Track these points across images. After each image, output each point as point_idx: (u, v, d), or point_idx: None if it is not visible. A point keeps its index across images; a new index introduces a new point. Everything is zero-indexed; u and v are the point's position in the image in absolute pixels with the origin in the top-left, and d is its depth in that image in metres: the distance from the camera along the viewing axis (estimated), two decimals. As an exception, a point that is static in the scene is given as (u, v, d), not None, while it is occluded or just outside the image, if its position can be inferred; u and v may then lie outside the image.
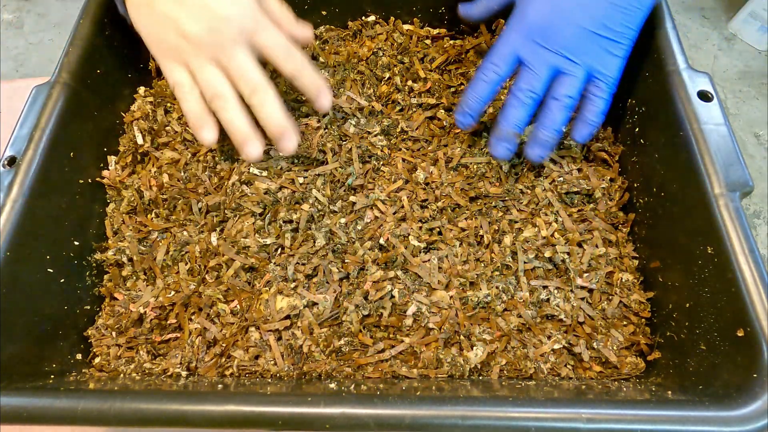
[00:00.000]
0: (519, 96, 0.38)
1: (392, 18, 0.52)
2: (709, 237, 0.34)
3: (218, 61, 0.35)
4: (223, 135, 0.46)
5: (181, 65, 0.35)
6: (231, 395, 0.30)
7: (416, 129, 0.47)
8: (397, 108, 0.49)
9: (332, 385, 0.34)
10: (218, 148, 0.45)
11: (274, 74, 0.48)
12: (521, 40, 0.38)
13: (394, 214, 0.43)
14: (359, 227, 0.42)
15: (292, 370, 0.36)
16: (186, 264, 0.40)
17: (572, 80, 0.38)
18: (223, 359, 0.37)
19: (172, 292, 0.39)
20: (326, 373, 0.36)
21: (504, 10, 0.43)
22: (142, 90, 0.48)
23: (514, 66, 0.39)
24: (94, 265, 0.41)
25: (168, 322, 0.39)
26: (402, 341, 0.38)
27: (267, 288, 0.39)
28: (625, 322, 0.40)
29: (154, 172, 0.44)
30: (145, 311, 0.39)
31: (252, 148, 0.38)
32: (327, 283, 0.40)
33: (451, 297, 0.39)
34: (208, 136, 0.37)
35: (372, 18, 0.52)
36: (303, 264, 0.40)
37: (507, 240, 0.41)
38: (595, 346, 0.38)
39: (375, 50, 0.50)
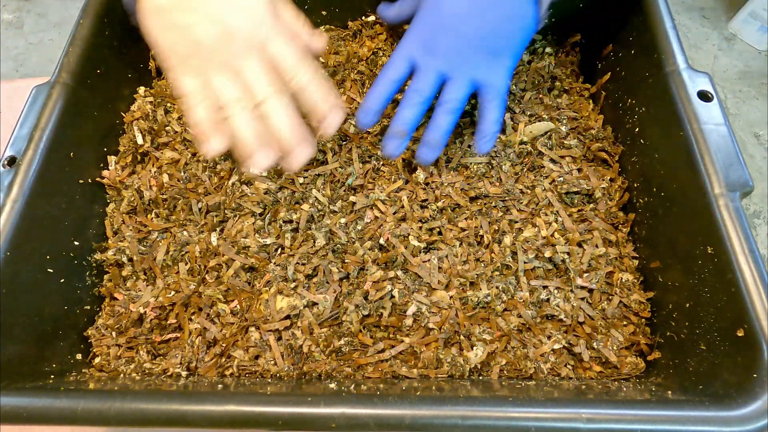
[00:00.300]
0: (410, 97, 0.40)
1: (392, 18, 0.52)
2: (709, 237, 0.34)
3: (230, 70, 0.34)
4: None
5: (192, 75, 0.35)
6: (231, 395, 0.30)
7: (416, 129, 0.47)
8: (397, 108, 0.49)
9: (332, 385, 0.34)
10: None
11: None
12: (414, 46, 0.40)
13: (394, 214, 0.43)
14: (359, 227, 0.42)
15: (292, 370, 0.36)
16: (186, 264, 0.40)
17: (456, 86, 0.40)
18: (223, 359, 0.37)
19: (172, 292, 0.39)
20: (326, 373, 0.36)
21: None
22: (142, 90, 0.48)
23: (409, 69, 0.41)
24: (94, 265, 0.41)
25: (168, 322, 0.39)
26: (402, 341, 0.38)
27: (267, 288, 0.39)
28: (625, 322, 0.40)
29: (154, 172, 0.44)
30: (145, 311, 0.39)
31: (257, 159, 0.36)
32: (327, 283, 0.40)
33: (451, 297, 0.39)
34: (215, 146, 0.36)
35: (372, 18, 0.52)
36: (303, 264, 0.40)
37: (507, 240, 0.41)
38: (595, 346, 0.38)
39: (375, 50, 0.50)
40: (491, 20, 0.39)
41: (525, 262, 0.40)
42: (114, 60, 0.45)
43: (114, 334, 0.39)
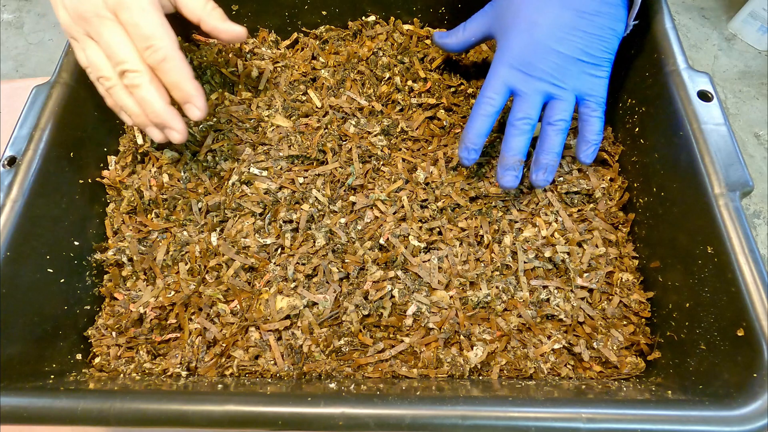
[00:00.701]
0: (517, 125, 0.39)
1: (392, 18, 0.52)
2: (709, 237, 0.34)
3: (95, 36, 0.34)
4: (220, 137, 0.46)
5: (76, 47, 0.35)
6: (231, 395, 0.30)
7: (416, 129, 0.47)
8: (397, 108, 0.49)
9: (332, 385, 0.34)
10: (218, 148, 0.45)
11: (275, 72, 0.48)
12: (509, 71, 0.39)
13: (394, 214, 0.43)
14: (359, 227, 0.42)
15: (292, 370, 0.36)
16: (186, 264, 0.40)
17: (563, 104, 0.39)
18: (223, 359, 0.37)
19: (172, 292, 0.39)
20: (326, 373, 0.36)
21: (482, 41, 0.45)
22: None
23: (507, 96, 0.40)
24: (94, 265, 0.41)
25: (168, 322, 0.39)
26: (402, 341, 0.38)
27: (267, 288, 0.39)
28: (625, 322, 0.40)
29: (154, 172, 0.44)
30: (145, 311, 0.39)
31: (149, 133, 0.36)
32: (327, 283, 0.40)
33: (451, 297, 0.39)
34: (157, 136, 0.36)
35: (372, 18, 0.52)
36: (303, 264, 0.40)
37: (507, 240, 0.41)
38: (595, 346, 0.38)
39: (375, 50, 0.50)
40: (590, 33, 0.38)
41: (525, 262, 0.40)
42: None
43: (114, 334, 0.39)
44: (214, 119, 0.47)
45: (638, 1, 0.38)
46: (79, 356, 0.38)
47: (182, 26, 0.51)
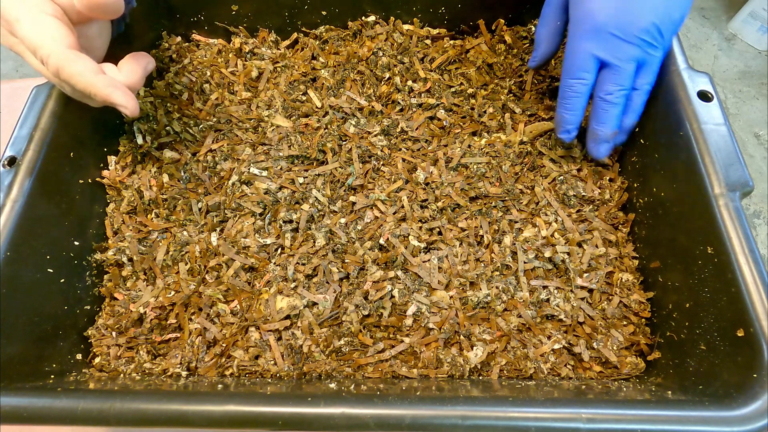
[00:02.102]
0: (609, 100, 0.39)
1: (392, 18, 0.52)
2: (709, 237, 0.34)
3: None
4: (220, 137, 0.46)
5: None
6: (231, 395, 0.30)
7: (416, 129, 0.47)
8: (397, 108, 0.49)
9: (332, 385, 0.34)
10: (218, 148, 0.45)
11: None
12: (597, 41, 0.37)
13: (394, 214, 0.43)
14: (359, 227, 0.42)
15: (292, 370, 0.36)
16: (186, 264, 0.40)
17: (652, 67, 0.38)
18: (223, 359, 0.37)
19: (172, 292, 0.39)
20: (326, 373, 0.36)
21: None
22: (142, 90, 0.48)
23: (597, 70, 0.39)
24: (94, 265, 0.41)
25: (168, 322, 0.39)
26: (402, 341, 0.38)
27: (267, 288, 0.39)
28: (625, 322, 0.40)
29: (154, 172, 0.44)
30: (145, 311, 0.39)
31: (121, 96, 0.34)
32: (327, 283, 0.40)
33: (451, 297, 0.39)
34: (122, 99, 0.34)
35: (372, 18, 0.52)
36: (303, 264, 0.40)
37: (507, 240, 0.41)
38: (595, 346, 0.38)
39: (375, 50, 0.50)
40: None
41: (525, 262, 0.40)
42: (114, 60, 0.45)
43: (114, 334, 0.39)
44: (214, 119, 0.47)
45: None
46: (79, 356, 0.38)
47: (182, 26, 0.51)
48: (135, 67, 0.38)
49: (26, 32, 0.33)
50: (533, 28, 0.51)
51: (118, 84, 0.35)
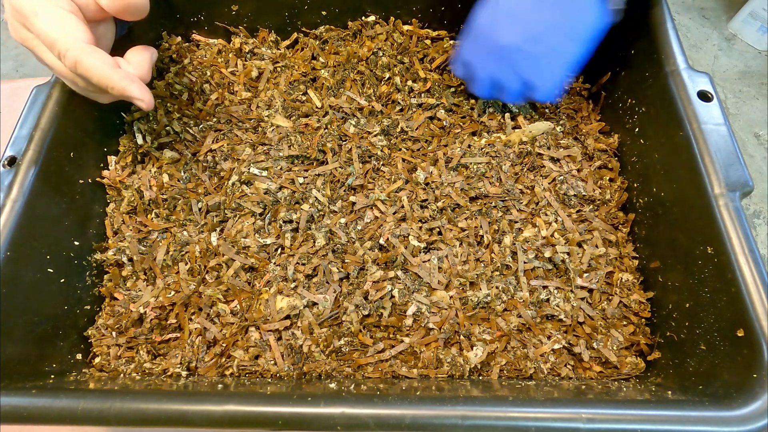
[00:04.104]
0: None
1: (392, 18, 0.52)
2: (709, 237, 0.34)
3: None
4: (220, 137, 0.46)
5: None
6: (231, 395, 0.30)
7: (416, 129, 0.47)
8: (397, 108, 0.49)
9: (332, 385, 0.34)
10: (218, 148, 0.45)
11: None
12: None
13: (394, 214, 0.43)
14: (359, 227, 0.42)
15: (292, 370, 0.36)
16: (186, 264, 0.40)
17: None
18: (223, 359, 0.37)
19: (172, 292, 0.39)
20: (326, 373, 0.36)
21: None
22: (142, 90, 0.48)
23: None
24: (94, 265, 0.41)
25: (168, 322, 0.39)
26: (402, 341, 0.38)
27: (267, 288, 0.39)
28: (625, 322, 0.40)
29: (154, 172, 0.44)
30: (145, 311, 0.39)
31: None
32: (327, 283, 0.40)
33: (451, 297, 0.39)
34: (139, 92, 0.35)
35: (372, 18, 0.52)
36: (303, 264, 0.40)
37: (507, 240, 0.41)
38: (595, 346, 0.38)
39: (375, 50, 0.50)
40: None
41: (525, 262, 0.40)
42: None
43: (114, 334, 0.39)
44: (214, 119, 0.47)
45: None
46: (79, 356, 0.38)
47: (182, 26, 0.51)
48: (143, 59, 0.38)
49: (44, 26, 0.33)
50: None
51: (134, 77, 0.35)
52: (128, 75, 0.35)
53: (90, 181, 0.42)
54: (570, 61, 0.42)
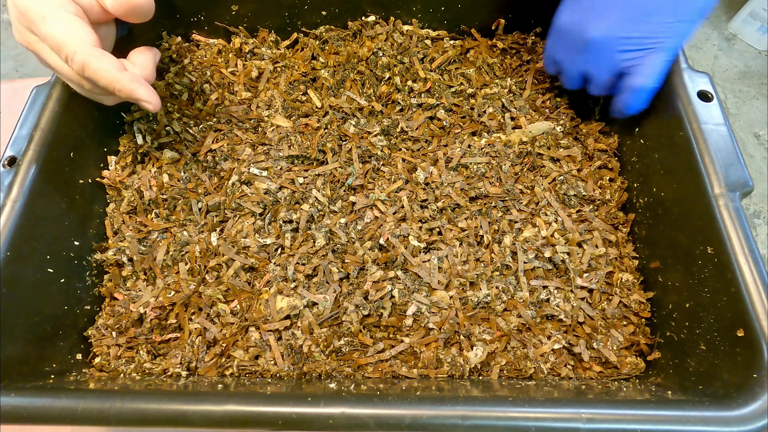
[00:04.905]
0: None
1: (392, 18, 0.52)
2: (709, 237, 0.34)
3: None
4: (220, 137, 0.46)
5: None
6: (231, 395, 0.30)
7: (416, 129, 0.47)
8: (397, 108, 0.49)
9: (332, 385, 0.34)
10: (218, 148, 0.45)
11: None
12: None
13: (394, 214, 0.43)
14: (359, 227, 0.42)
15: (292, 370, 0.36)
16: (186, 264, 0.40)
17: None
18: (223, 359, 0.37)
19: (172, 292, 0.39)
20: (326, 373, 0.36)
21: None
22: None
23: None
24: (94, 265, 0.41)
25: (168, 322, 0.39)
26: (402, 341, 0.38)
27: (267, 288, 0.39)
28: (625, 322, 0.40)
29: (154, 172, 0.44)
30: (145, 311, 0.39)
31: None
32: (327, 283, 0.40)
33: (451, 297, 0.39)
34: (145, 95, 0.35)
35: (372, 18, 0.52)
36: (303, 264, 0.40)
37: (507, 240, 0.41)
38: (595, 346, 0.38)
39: (375, 50, 0.50)
40: None
41: (525, 262, 0.40)
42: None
43: (114, 334, 0.39)
44: (214, 119, 0.47)
45: None
46: (79, 356, 0.38)
47: (182, 26, 0.51)
48: (147, 60, 0.38)
49: (52, 30, 0.33)
50: (531, 36, 0.51)
51: (141, 80, 0.35)
52: (136, 78, 0.35)
53: (90, 181, 0.42)
54: (667, 47, 0.39)
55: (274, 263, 0.40)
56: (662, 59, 0.39)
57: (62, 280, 0.38)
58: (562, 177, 0.44)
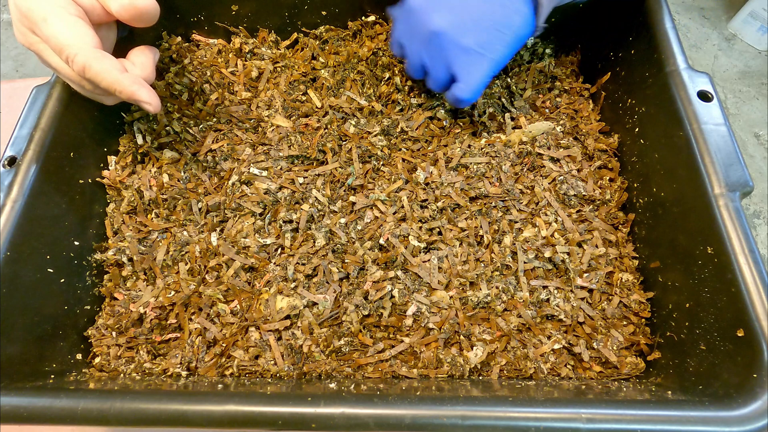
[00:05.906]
0: None
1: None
2: (709, 237, 0.34)
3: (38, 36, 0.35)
4: (220, 137, 0.46)
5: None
6: (231, 395, 0.30)
7: (416, 129, 0.47)
8: (397, 108, 0.49)
9: (332, 385, 0.34)
10: (218, 148, 0.45)
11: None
12: None
13: (394, 214, 0.43)
14: (359, 227, 0.42)
15: (292, 370, 0.36)
16: (186, 264, 0.40)
17: None
18: (223, 359, 0.37)
19: (172, 292, 0.39)
20: (326, 373, 0.36)
21: None
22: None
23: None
24: (94, 265, 0.41)
25: (168, 322, 0.39)
26: (402, 341, 0.38)
27: (267, 288, 0.39)
28: (625, 322, 0.40)
29: (154, 172, 0.44)
30: (145, 311, 0.39)
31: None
32: (327, 283, 0.40)
33: (451, 297, 0.39)
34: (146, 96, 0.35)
35: (372, 18, 0.52)
36: (303, 264, 0.40)
37: (507, 240, 0.41)
38: (595, 346, 0.38)
39: (375, 50, 0.50)
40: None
41: (525, 262, 0.40)
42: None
43: (114, 334, 0.39)
44: (214, 119, 0.47)
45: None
46: (79, 356, 0.38)
47: (182, 26, 0.51)
48: (147, 60, 0.38)
49: (53, 31, 0.33)
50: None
51: (142, 81, 0.35)
52: (137, 79, 0.35)
53: (90, 181, 0.42)
54: (495, 60, 0.40)
55: (274, 263, 0.40)
56: (486, 71, 0.40)
57: (62, 280, 0.38)
58: (562, 177, 0.44)
